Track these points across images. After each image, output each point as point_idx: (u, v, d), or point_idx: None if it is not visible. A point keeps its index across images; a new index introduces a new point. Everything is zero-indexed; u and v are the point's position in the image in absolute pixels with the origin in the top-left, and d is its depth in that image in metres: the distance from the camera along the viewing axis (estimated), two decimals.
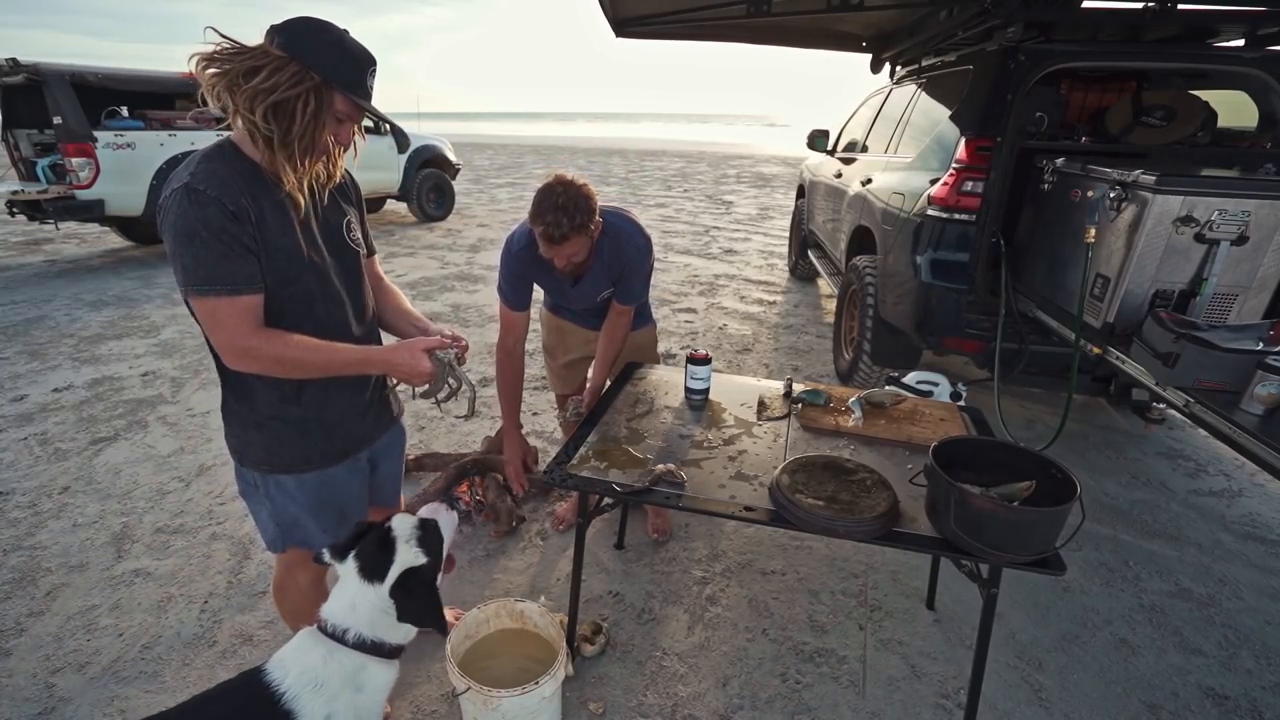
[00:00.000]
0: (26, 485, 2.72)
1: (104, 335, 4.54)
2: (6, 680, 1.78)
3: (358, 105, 1.19)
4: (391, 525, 1.20)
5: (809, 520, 1.39)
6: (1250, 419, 1.67)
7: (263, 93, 1.10)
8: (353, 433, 1.43)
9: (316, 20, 1.15)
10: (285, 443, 1.34)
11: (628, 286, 2.01)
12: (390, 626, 1.17)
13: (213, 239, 1.10)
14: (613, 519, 2.41)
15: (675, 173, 16.60)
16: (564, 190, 1.69)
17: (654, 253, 2.05)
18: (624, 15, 3.98)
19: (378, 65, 1.22)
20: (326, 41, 1.14)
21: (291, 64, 1.11)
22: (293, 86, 1.11)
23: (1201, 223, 2.02)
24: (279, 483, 1.37)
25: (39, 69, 5.52)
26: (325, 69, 1.13)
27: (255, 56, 1.10)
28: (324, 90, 1.14)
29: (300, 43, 1.12)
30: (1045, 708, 1.75)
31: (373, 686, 1.17)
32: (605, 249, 1.93)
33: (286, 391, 1.30)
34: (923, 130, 3.28)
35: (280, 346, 1.18)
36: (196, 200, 1.09)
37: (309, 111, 1.13)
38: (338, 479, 1.42)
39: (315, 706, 1.09)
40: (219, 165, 1.14)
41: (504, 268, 2.00)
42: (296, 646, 1.16)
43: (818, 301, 5.59)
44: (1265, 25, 2.65)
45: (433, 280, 6.08)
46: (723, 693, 1.78)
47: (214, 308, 1.13)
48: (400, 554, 1.16)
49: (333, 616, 1.16)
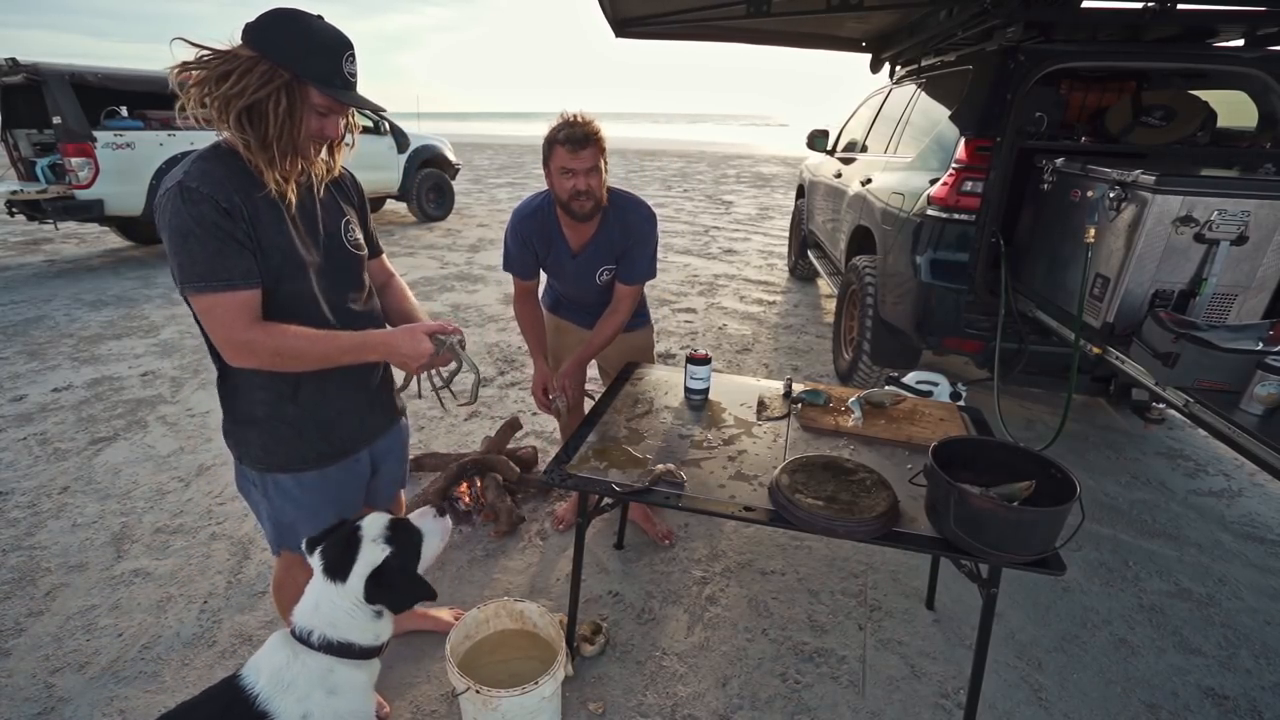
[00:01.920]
0: (26, 485, 2.72)
1: (103, 335, 4.54)
2: (6, 680, 1.78)
3: (334, 98, 1.16)
4: (361, 524, 1.17)
5: (809, 520, 1.39)
6: (1250, 419, 1.67)
7: (234, 97, 1.08)
8: (351, 432, 1.42)
9: (285, 12, 1.12)
10: (282, 442, 1.33)
11: (631, 262, 2.02)
12: (355, 627, 1.15)
13: (206, 236, 1.10)
14: (612, 519, 2.41)
15: (675, 173, 16.60)
16: (576, 114, 1.85)
17: (658, 232, 2.08)
18: (624, 15, 3.98)
19: (354, 48, 1.18)
20: (294, 34, 1.11)
21: (261, 63, 1.09)
22: (262, 87, 1.09)
23: (1201, 223, 2.02)
24: (277, 482, 1.36)
25: (39, 69, 5.51)
26: (294, 63, 1.10)
27: (227, 60, 1.09)
28: (295, 86, 1.12)
29: (267, 39, 1.10)
30: (1045, 708, 1.75)
31: (347, 689, 1.15)
32: (611, 217, 1.98)
33: (283, 390, 1.29)
34: (922, 130, 3.28)
35: (278, 338, 1.17)
36: (190, 198, 1.09)
37: (281, 110, 1.11)
38: (336, 479, 1.41)
39: (288, 706, 1.09)
40: (213, 164, 1.14)
41: (511, 235, 2.07)
42: (267, 649, 1.15)
43: (818, 301, 5.59)
44: (1265, 25, 2.65)
45: (432, 280, 6.08)
46: (722, 693, 1.78)
47: (211, 304, 1.13)
48: (365, 553, 1.13)
49: (299, 618, 1.15)
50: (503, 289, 5.80)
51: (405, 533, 1.20)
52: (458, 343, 1.35)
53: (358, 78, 1.20)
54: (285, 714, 1.09)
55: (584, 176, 1.83)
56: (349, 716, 1.16)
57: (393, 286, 1.56)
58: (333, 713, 1.13)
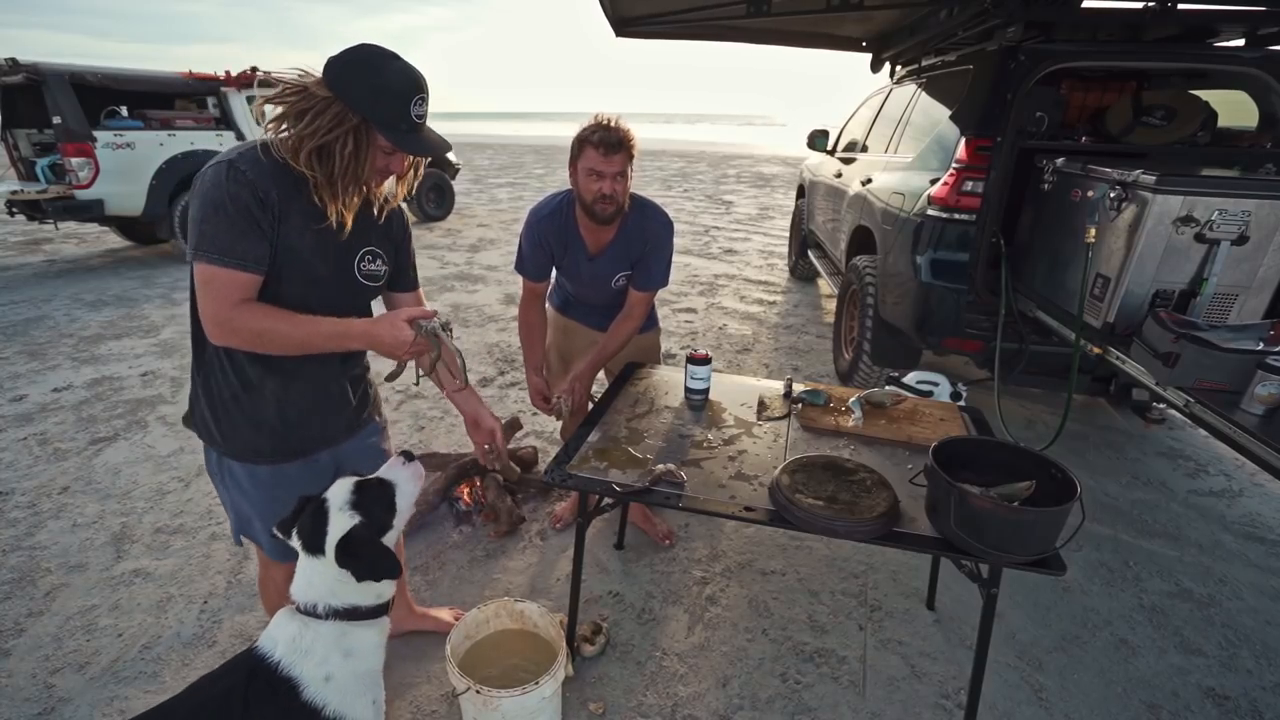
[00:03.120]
0: (26, 485, 2.72)
1: (103, 335, 4.54)
2: (6, 680, 1.78)
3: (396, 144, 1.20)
4: (326, 495, 1.17)
5: (809, 520, 1.39)
6: (1250, 419, 1.67)
7: (307, 137, 1.14)
8: (310, 433, 1.41)
9: (364, 52, 1.16)
10: (238, 430, 1.34)
11: (647, 269, 2.03)
12: (354, 590, 1.16)
13: (237, 215, 1.14)
14: (613, 519, 2.41)
15: (675, 173, 16.60)
16: (611, 118, 1.87)
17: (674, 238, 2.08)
18: (624, 15, 3.98)
19: (427, 90, 1.21)
20: (367, 77, 1.15)
21: (334, 104, 1.14)
22: (332, 130, 1.14)
23: (1201, 223, 2.02)
24: (231, 470, 1.38)
25: (39, 69, 5.51)
26: (364, 107, 1.15)
27: (306, 99, 1.14)
28: (364, 129, 1.17)
29: (341, 81, 1.14)
30: (1045, 708, 1.75)
31: (362, 650, 1.18)
32: (631, 221, 1.99)
33: (249, 377, 1.30)
34: (923, 130, 3.28)
35: (260, 319, 1.19)
36: (234, 176, 1.13)
37: (347, 153, 1.16)
38: (291, 478, 1.39)
39: (311, 670, 1.11)
40: (264, 156, 1.19)
41: (527, 235, 2.05)
42: (276, 623, 1.17)
43: (818, 301, 5.59)
44: (1265, 25, 2.65)
45: (433, 280, 6.08)
46: (723, 693, 1.78)
47: (212, 274, 1.15)
48: (333, 522, 1.14)
49: (298, 595, 1.17)
50: (503, 289, 5.80)
51: (374, 493, 1.20)
52: (441, 325, 1.31)
53: (426, 117, 1.24)
54: (308, 678, 1.11)
55: (611, 180, 1.83)
56: (366, 676, 1.18)
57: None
58: (352, 673, 1.15)
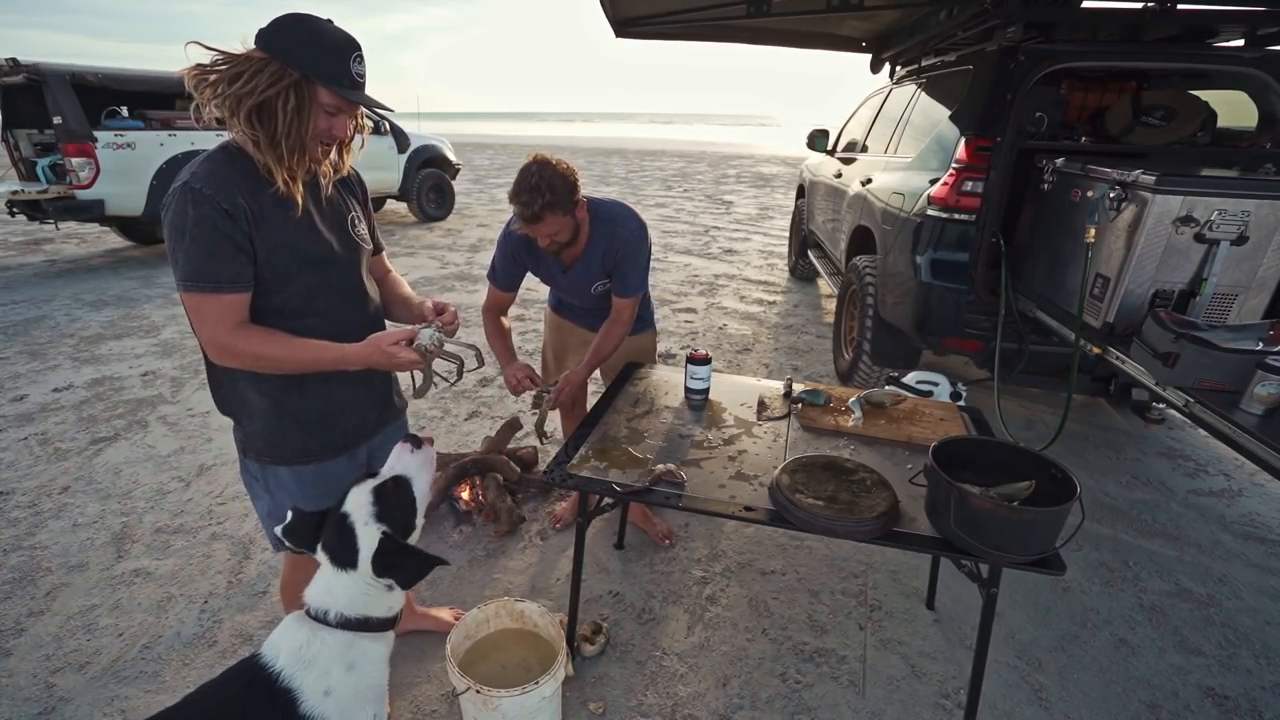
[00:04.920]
0: (26, 485, 2.72)
1: (104, 335, 4.54)
2: (6, 680, 1.78)
3: (342, 96, 1.19)
4: (347, 510, 1.16)
5: (809, 520, 1.39)
6: (1250, 419, 1.67)
7: (244, 96, 1.12)
8: (355, 426, 1.44)
9: (294, 15, 1.16)
10: (286, 433, 1.34)
11: (623, 276, 2.01)
12: (371, 602, 1.16)
13: (203, 237, 1.12)
14: (613, 519, 2.41)
15: (675, 173, 16.59)
16: (539, 170, 1.74)
17: (650, 241, 2.04)
18: (624, 15, 3.99)
19: (362, 50, 1.21)
20: (303, 35, 1.14)
21: (271, 64, 1.12)
22: (271, 85, 1.12)
23: (1201, 223, 2.02)
24: (276, 475, 1.37)
25: (39, 69, 5.51)
26: (303, 63, 1.14)
27: (238, 62, 1.12)
28: (304, 85, 1.15)
29: (277, 40, 1.13)
30: (1045, 708, 1.75)
31: (366, 663, 1.17)
32: (597, 235, 1.95)
33: (289, 381, 1.31)
34: (923, 130, 3.28)
35: (259, 344, 1.19)
36: (192, 199, 1.12)
37: (290, 108, 1.14)
38: (337, 473, 1.41)
39: (311, 682, 1.11)
40: (220, 165, 1.17)
41: (500, 247, 2.05)
42: (283, 630, 1.16)
43: (818, 301, 5.59)
44: (1265, 25, 2.65)
45: (433, 280, 6.08)
46: (723, 693, 1.78)
47: (198, 303, 1.16)
48: (362, 538, 1.13)
49: (313, 600, 1.17)
50: None
51: (393, 497, 1.19)
52: (436, 340, 1.29)
53: (366, 79, 1.23)
54: (308, 690, 1.10)
55: (543, 239, 1.83)
56: (367, 691, 1.17)
57: (390, 279, 1.58)
58: (352, 689, 1.14)
